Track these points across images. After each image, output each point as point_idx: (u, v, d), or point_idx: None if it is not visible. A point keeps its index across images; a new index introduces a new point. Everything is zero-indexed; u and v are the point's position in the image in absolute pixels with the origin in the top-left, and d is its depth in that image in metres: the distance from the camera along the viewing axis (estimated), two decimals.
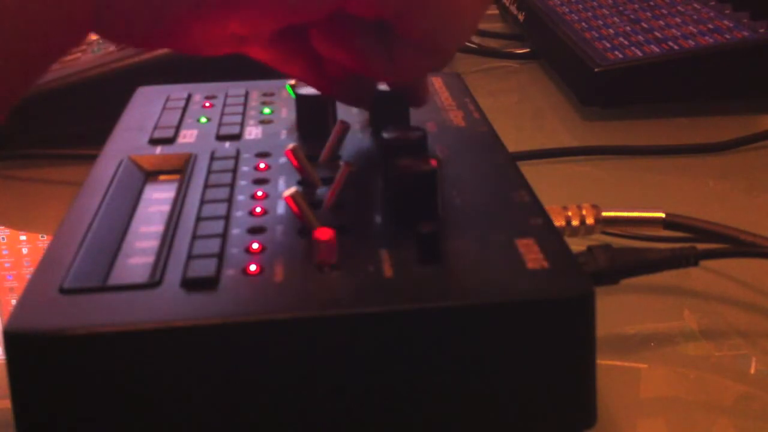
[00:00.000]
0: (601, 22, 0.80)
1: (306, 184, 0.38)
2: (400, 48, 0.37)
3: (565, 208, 0.47)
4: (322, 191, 0.37)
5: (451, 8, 0.37)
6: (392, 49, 0.37)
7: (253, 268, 0.32)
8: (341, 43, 0.37)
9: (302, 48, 0.39)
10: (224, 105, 0.48)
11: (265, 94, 0.50)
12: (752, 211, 0.58)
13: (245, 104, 0.48)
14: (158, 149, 0.43)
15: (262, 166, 0.40)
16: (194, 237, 0.34)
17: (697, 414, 0.39)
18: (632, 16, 0.81)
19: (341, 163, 0.37)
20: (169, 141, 0.43)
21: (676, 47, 0.72)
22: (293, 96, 0.45)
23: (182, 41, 0.35)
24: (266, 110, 0.47)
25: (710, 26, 0.75)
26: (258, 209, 0.36)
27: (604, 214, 0.47)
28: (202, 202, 0.37)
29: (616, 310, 0.44)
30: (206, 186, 0.38)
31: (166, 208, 0.37)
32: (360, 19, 0.36)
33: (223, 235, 0.34)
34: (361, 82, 0.41)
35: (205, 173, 0.39)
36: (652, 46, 0.73)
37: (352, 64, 0.38)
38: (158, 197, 0.38)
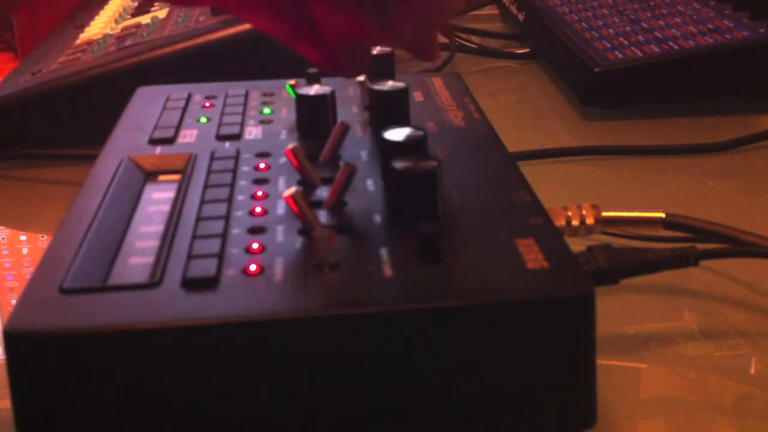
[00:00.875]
0: (601, 22, 0.80)
1: (306, 184, 0.38)
2: (398, 8, 0.36)
3: (565, 208, 0.47)
4: (322, 191, 0.37)
5: None
6: (390, 9, 0.36)
7: (253, 268, 0.32)
8: (339, 6, 0.36)
9: (296, 12, 0.38)
10: (224, 105, 0.48)
11: (265, 94, 0.50)
12: (752, 211, 0.58)
13: (245, 104, 0.48)
14: (158, 149, 0.43)
15: (262, 166, 0.40)
16: (194, 237, 0.34)
17: (697, 414, 0.39)
18: (632, 16, 0.81)
19: (341, 163, 0.37)
20: (169, 141, 0.43)
21: (676, 47, 0.72)
22: (293, 96, 0.45)
23: None
24: (266, 110, 0.47)
25: (710, 26, 0.75)
26: (258, 209, 0.36)
27: (604, 214, 0.47)
28: (202, 202, 0.37)
29: (616, 310, 0.44)
30: (206, 186, 0.38)
31: (166, 208, 0.37)
32: None
33: (223, 235, 0.34)
34: (355, 49, 0.40)
35: (205, 173, 0.39)
36: (652, 46, 0.73)
37: (350, 27, 0.37)
38: (158, 197, 0.38)
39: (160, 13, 0.77)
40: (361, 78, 0.48)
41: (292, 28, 0.39)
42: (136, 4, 0.84)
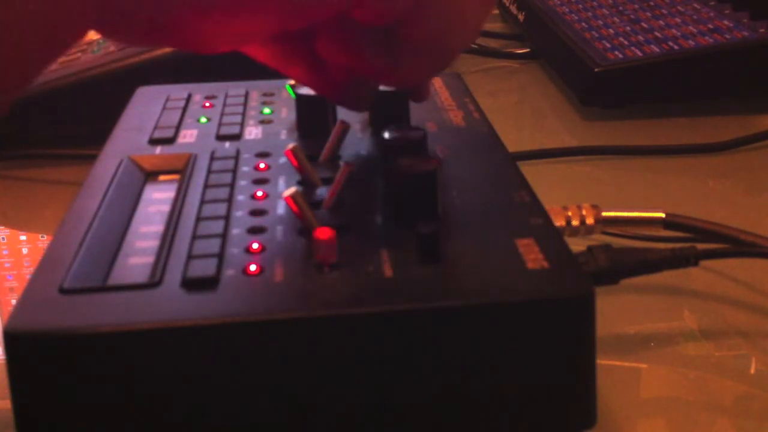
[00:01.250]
0: (601, 22, 0.80)
1: (306, 184, 0.38)
2: (405, 52, 0.37)
3: (565, 208, 0.47)
4: (322, 191, 0.37)
5: (456, 12, 0.37)
6: (397, 52, 0.37)
7: (253, 268, 0.32)
8: (346, 48, 0.37)
9: (303, 49, 0.40)
10: (224, 105, 0.48)
11: (265, 94, 0.50)
12: (752, 211, 0.58)
13: (245, 104, 0.48)
14: (158, 149, 0.43)
15: (262, 166, 0.40)
16: (194, 237, 0.34)
17: (697, 414, 0.39)
18: (632, 16, 0.81)
19: (341, 163, 0.37)
20: (169, 141, 0.43)
21: (676, 47, 0.72)
22: (293, 96, 0.45)
23: (182, 40, 0.35)
24: (266, 110, 0.47)
25: (710, 26, 0.75)
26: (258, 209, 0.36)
27: (604, 214, 0.47)
28: (202, 202, 0.37)
29: (616, 310, 0.44)
30: (206, 186, 0.38)
31: (166, 208, 0.37)
32: (365, 23, 0.36)
33: (223, 235, 0.34)
34: (361, 86, 0.41)
35: (205, 173, 0.39)
36: (652, 46, 0.73)
37: (357, 68, 0.38)
38: (158, 197, 0.38)
39: None
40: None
41: (302, 65, 0.40)
42: None
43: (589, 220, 0.47)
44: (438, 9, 0.36)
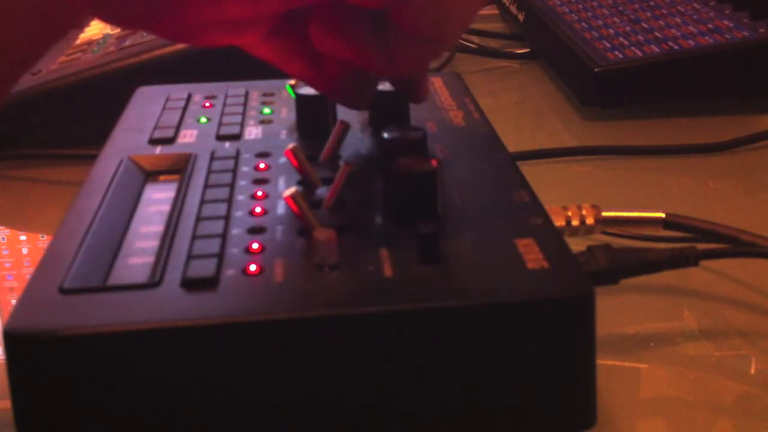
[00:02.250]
0: (601, 22, 0.80)
1: (306, 184, 0.38)
2: (398, 39, 0.37)
3: (565, 208, 0.47)
4: (322, 191, 0.37)
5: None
6: (390, 40, 0.37)
7: (253, 268, 0.32)
8: (339, 36, 0.37)
9: (302, 46, 0.39)
10: (224, 105, 0.48)
11: (265, 94, 0.50)
12: (752, 211, 0.58)
13: (245, 104, 0.48)
14: (158, 149, 0.43)
15: (262, 166, 0.40)
16: (194, 237, 0.34)
17: (697, 414, 0.39)
18: (632, 16, 0.81)
19: (341, 163, 0.37)
20: (169, 141, 0.43)
21: (676, 47, 0.72)
22: (293, 96, 0.45)
23: (180, 26, 0.35)
24: (266, 110, 0.47)
25: (710, 26, 0.75)
26: (258, 209, 0.36)
27: (604, 214, 0.47)
28: (202, 202, 0.37)
29: (616, 310, 0.44)
30: (206, 186, 0.38)
31: (166, 208, 0.37)
32: (358, 10, 0.36)
33: (223, 235, 0.34)
34: (360, 84, 0.41)
35: (205, 173, 0.39)
36: (652, 46, 0.73)
37: (351, 58, 0.38)
38: (158, 197, 0.38)
39: None
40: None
41: (300, 61, 0.40)
42: None
43: (589, 220, 0.47)
44: None
